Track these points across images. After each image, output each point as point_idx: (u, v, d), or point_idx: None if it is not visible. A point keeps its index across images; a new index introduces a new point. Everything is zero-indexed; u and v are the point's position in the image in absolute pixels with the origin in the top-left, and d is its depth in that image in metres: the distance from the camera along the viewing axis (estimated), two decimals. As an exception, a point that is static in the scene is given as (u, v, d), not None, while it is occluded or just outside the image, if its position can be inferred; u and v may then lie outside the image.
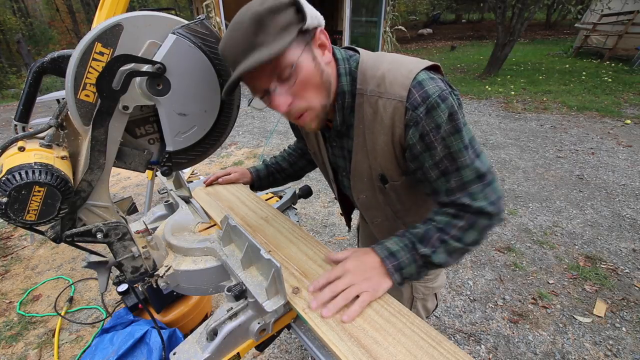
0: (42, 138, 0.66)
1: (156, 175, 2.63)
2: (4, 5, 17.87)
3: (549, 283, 2.35)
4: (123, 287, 1.63)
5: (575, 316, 2.10)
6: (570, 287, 2.32)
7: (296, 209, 1.24)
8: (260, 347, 0.84)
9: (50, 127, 0.66)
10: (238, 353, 0.73)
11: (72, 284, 2.50)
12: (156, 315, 1.63)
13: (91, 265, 0.82)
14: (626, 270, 2.42)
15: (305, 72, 0.73)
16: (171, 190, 1.13)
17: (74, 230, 0.69)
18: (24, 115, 0.67)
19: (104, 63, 0.61)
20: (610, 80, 7.26)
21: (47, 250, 2.92)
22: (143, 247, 0.81)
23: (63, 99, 0.65)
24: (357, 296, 0.74)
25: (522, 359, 1.87)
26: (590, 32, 9.45)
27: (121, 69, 0.62)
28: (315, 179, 3.80)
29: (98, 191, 0.71)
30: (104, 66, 0.61)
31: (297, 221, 1.10)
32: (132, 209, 1.02)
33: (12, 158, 0.58)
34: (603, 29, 9.15)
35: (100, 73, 0.61)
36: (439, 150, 0.77)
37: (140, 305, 1.63)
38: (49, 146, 0.64)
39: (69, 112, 0.65)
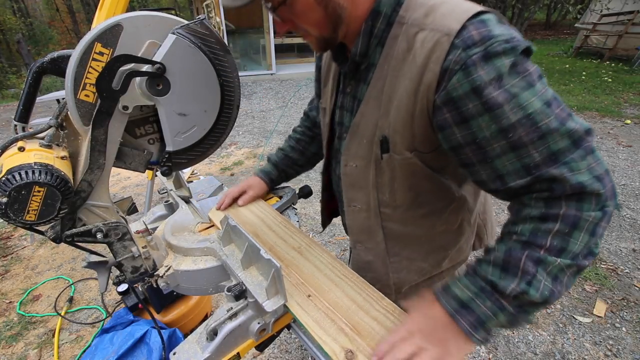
0: (42, 138, 0.66)
1: (156, 175, 2.63)
2: (4, 5, 17.89)
3: (549, 283, 2.36)
4: (123, 287, 1.64)
5: (575, 316, 2.10)
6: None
7: (296, 209, 1.24)
8: (260, 347, 0.84)
9: (50, 127, 0.66)
10: (238, 353, 0.73)
11: (72, 284, 2.49)
12: (156, 315, 1.63)
13: (91, 265, 0.82)
14: (626, 270, 2.42)
15: (300, 8, 0.62)
16: (171, 190, 1.13)
17: (74, 230, 0.69)
18: (24, 115, 0.67)
19: (103, 63, 0.62)
20: (610, 80, 7.26)
21: (47, 250, 2.92)
22: (143, 247, 0.82)
23: (63, 99, 0.66)
24: None
25: (522, 359, 1.87)
26: (590, 32, 9.44)
27: (121, 69, 0.63)
28: (315, 179, 3.80)
29: (98, 191, 0.71)
30: (104, 66, 0.61)
31: (297, 221, 1.10)
32: (132, 209, 1.03)
33: (12, 158, 0.58)
34: (603, 29, 9.14)
35: (100, 73, 0.61)
36: (506, 111, 0.54)
37: (140, 305, 1.63)
38: (49, 146, 0.64)
39: (69, 113, 0.65)
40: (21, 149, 0.60)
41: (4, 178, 0.54)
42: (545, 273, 0.55)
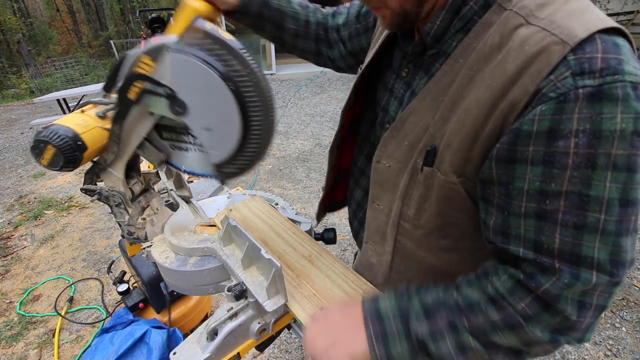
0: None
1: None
2: (4, 5, 17.88)
3: (549, 283, 2.36)
4: (123, 287, 1.64)
5: (575, 316, 2.10)
6: (570, 287, 2.32)
7: (296, 211, 1.24)
8: (261, 347, 0.84)
9: (112, 104, 0.76)
10: (238, 353, 0.73)
11: (72, 284, 2.50)
12: (156, 316, 1.63)
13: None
14: (626, 270, 2.43)
15: None
16: (171, 190, 1.13)
17: (88, 185, 0.84)
18: (110, 85, 0.77)
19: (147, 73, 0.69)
20: (610, 80, 7.27)
21: (47, 250, 2.92)
22: (142, 219, 0.92)
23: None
24: None
25: (522, 359, 1.87)
26: (590, 32, 9.45)
27: (141, 85, 0.68)
28: (315, 179, 3.80)
29: (114, 164, 0.84)
30: (125, 79, 0.69)
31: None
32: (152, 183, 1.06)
33: (65, 117, 0.73)
34: (603, 29, 9.15)
35: (122, 84, 0.69)
36: (567, 175, 0.42)
37: (141, 305, 1.63)
38: (102, 117, 0.77)
39: None
40: (82, 111, 0.76)
41: (42, 129, 0.68)
42: (455, 341, 0.52)
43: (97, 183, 0.88)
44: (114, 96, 0.77)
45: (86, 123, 0.74)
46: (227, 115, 0.68)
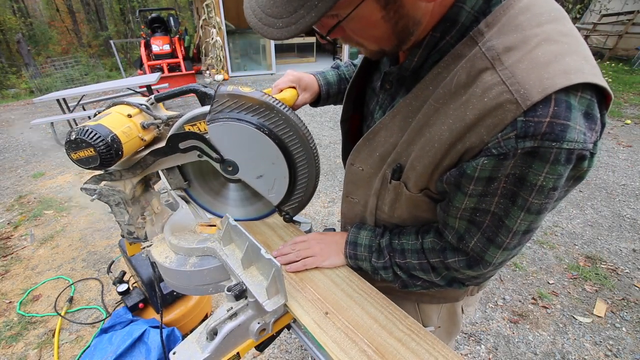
0: (155, 119, 0.81)
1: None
2: (4, 5, 17.86)
3: (549, 283, 2.35)
4: (123, 287, 1.64)
5: (575, 316, 2.10)
6: (571, 287, 2.32)
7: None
8: (260, 347, 0.84)
9: (159, 118, 0.78)
10: (238, 353, 0.73)
11: (72, 284, 2.49)
12: (156, 315, 1.63)
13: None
14: (626, 270, 2.42)
15: (359, 25, 0.51)
16: (171, 190, 1.13)
17: (88, 184, 0.83)
18: (162, 99, 0.83)
19: (203, 126, 0.74)
20: (610, 80, 7.25)
21: (47, 250, 2.92)
22: (142, 219, 0.92)
23: (142, 104, 0.79)
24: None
25: (522, 359, 1.87)
26: (590, 32, 9.45)
27: (193, 141, 0.74)
28: (315, 179, 3.80)
29: (131, 179, 0.84)
30: (185, 131, 0.74)
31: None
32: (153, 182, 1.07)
33: (112, 117, 0.72)
34: (603, 29, 9.15)
35: (176, 133, 0.75)
36: (495, 201, 0.53)
37: (141, 305, 1.62)
38: (145, 127, 0.78)
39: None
40: (129, 116, 0.75)
41: (88, 126, 0.66)
42: (392, 271, 0.75)
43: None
44: (162, 110, 0.83)
45: (130, 131, 0.73)
46: (271, 157, 0.73)
